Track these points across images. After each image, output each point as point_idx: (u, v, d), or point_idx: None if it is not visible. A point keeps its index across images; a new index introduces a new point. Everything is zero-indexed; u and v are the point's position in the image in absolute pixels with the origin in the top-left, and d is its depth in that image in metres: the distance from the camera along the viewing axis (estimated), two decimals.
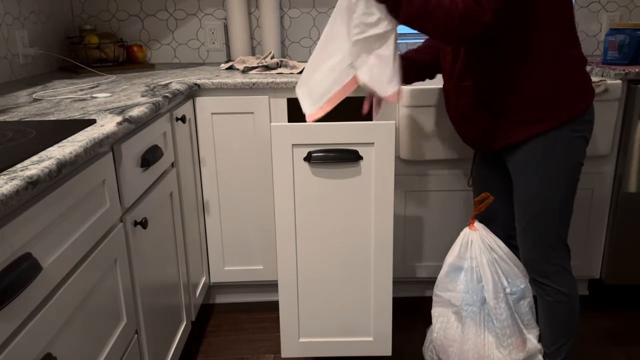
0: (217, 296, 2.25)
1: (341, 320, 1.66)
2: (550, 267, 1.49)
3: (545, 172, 1.42)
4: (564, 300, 1.50)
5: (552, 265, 1.49)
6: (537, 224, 1.47)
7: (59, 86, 1.81)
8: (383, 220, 1.55)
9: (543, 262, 1.49)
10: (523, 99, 1.39)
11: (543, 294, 1.53)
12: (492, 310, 1.55)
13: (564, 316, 1.52)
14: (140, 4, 2.46)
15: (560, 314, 1.52)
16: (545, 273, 1.50)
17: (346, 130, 1.48)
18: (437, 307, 1.65)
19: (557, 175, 1.42)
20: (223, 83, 1.91)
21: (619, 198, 2.02)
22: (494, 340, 1.55)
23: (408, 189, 2.03)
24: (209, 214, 2.05)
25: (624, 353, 1.89)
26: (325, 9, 2.48)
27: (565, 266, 1.50)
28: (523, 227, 1.50)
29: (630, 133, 1.96)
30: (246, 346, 1.96)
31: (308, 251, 1.59)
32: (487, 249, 1.57)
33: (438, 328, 1.63)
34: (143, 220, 1.33)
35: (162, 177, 1.58)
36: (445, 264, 1.63)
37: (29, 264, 0.85)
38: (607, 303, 2.18)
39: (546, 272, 1.50)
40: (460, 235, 1.62)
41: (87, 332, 1.08)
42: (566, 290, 1.50)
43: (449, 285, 1.61)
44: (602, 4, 2.50)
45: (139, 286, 1.35)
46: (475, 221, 1.61)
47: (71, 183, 1.01)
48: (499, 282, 1.55)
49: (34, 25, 2.12)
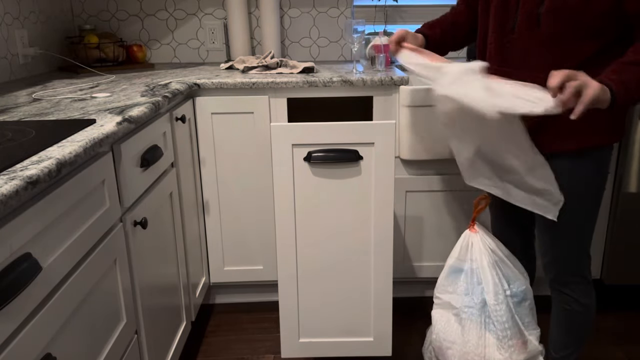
0: (217, 296, 2.25)
1: (341, 320, 1.66)
2: (572, 278, 1.48)
3: (583, 189, 1.39)
4: (581, 311, 1.49)
5: (574, 276, 1.48)
6: (562, 237, 1.44)
7: (59, 86, 1.81)
8: (383, 220, 1.55)
9: (567, 274, 1.48)
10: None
11: (561, 302, 1.52)
12: (493, 313, 1.55)
13: (580, 325, 1.52)
14: (140, 4, 2.46)
15: (576, 324, 1.51)
16: (566, 282, 1.49)
17: (346, 130, 1.48)
18: (437, 308, 1.65)
19: (592, 197, 1.40)
20: (223, 83, 1.91)
21: (619, 198, 2.02)
22: (494, 342, 1.55)
23: (408, 189, 2.03)
24: (209, 214, 2.05)
25: (624, 353, 1.89)
26: (325, 8, 2.48)
27: (587, 276, 1.49)
28: (547, 239, 1.47)
29: (630, 133, 1.95)
30: (246, 346, 1.96)
31: (308, 251, 1.59)
32: (488, 251, 1.57)
33: (438, 329, 1.62)
34: (143, 220, 1.33)
35: (161, 177, 1.58)
36: (445, 266, 1.63)
37: (28, 264, 0.85)
38: (607, 303, 2.18)
39: (568, 281, 1.49)
40: (461, 237, 1.62)
41: (86, 332, 1.07)
42: (585, 300, 1.49)
43: (449, 288, 1.61)
44: None
45: (139, 286, 1.35)
46: (475, 223, 1.61)
47: (71, 183, 1.01)
48: (500, 284, 1.54)
49: (33, 25, 2.12)
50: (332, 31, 2.51)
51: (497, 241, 1.59)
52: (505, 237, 1.65)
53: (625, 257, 2.08)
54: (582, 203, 1.41)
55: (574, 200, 1.39)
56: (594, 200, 1.42)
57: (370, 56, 2.16)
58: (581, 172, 1.38)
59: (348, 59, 2.55)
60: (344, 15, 2.48)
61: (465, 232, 1.62)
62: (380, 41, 2.10)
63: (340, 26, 2.50)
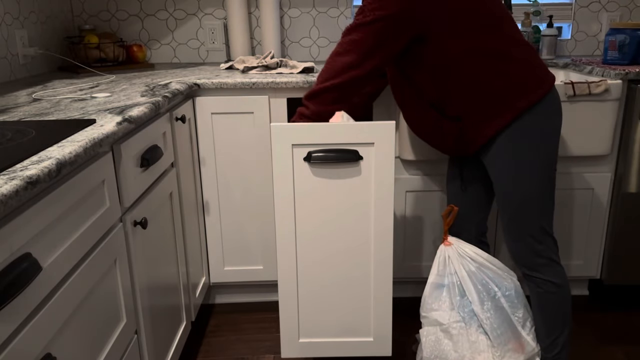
0: (217, 296, 2.25)
1: (341, 320, 1.65)
2: (538, 260, 1.51)
3: (517, 164, 1.45)
4: (554, 291, 1.52)
5: (539, 258, 1.51)
6: (518, 217, 1.49)
7: (59, 86, 1.81)
8: (383, 220, 1.55)
9: (530, 255, 1.51)
10: (475, 98, 1.43)
11: (534, 287, 1.55)
12: (483, 321, 1.54)
13: (556, 307, 1.54)
14: (140, 4, 2.46)
15: (551, 305, 1.53)
16: (533, 265, 1.52)
17: (346, 130, 1.48)
18: (425, 327, 1.63)
19: (530, 165, 1.44)
20: (223, 83, 1.91)
21: (619, 198, 2.02)
22: (490, 351, 1.54)
23: (408, 189, 2.03)
24: (209, 214, 2.05)
25: (624, 353, 1.89)
26: (325, 8, 2.48)
27: (553, 257, 1.52)
28: (506, 222, 1.52)
29: (630, 133, 1.95)
30: (246, 346, 1.96)
31: (308, 251, 1.59)
32: (467, 260, 1.57)
33: (429, 347, 1.60)
34: (143, 220, 1.33)
35: (161, 177, 1.58)
36: (427, 284, 1.63)
37: (28, 264, 0.85)
38: (607, 303, 2.18)
39: (534, 264, 1.52)
40: (437, 253, 1.63)
41: (86, 332, 1.07)
42: (556, 280, 1.52)
43: (433, 305, 1.60)
44: (602, 4, 2.50)
45: (139, 286, 1.35)
46: (448, 236, 1.61)
47: (71, 183, 1.01)
48: (485, 291, 1.54)
49: (33, 25, 2.12)
50: (332, 31, 2.51)
51: (473, 247, 1.59)
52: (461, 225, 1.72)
53: (625, 257, 2.08)
54: (525, 181, 1.45)
55: (518, 181, 1.46)
56: (540, 172, 1.45)
57: None
58: (508, 152, 1.45)
59: None
60: (344, 15, 2.49)
61: (440, 247, 1.62)
62: None
63: (340, 26, 2.50)
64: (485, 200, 1.70)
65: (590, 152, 1.95)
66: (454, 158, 1.73)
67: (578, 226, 2.07)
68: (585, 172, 2.02)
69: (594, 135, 1.93)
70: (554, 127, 1.45)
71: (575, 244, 2.09)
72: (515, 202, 1.48)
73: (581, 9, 2.51)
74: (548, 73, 1.46)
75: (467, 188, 1.69)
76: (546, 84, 1.43)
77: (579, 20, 2.52)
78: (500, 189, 1.50)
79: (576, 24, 2.53)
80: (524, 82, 1.41)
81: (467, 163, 1.67)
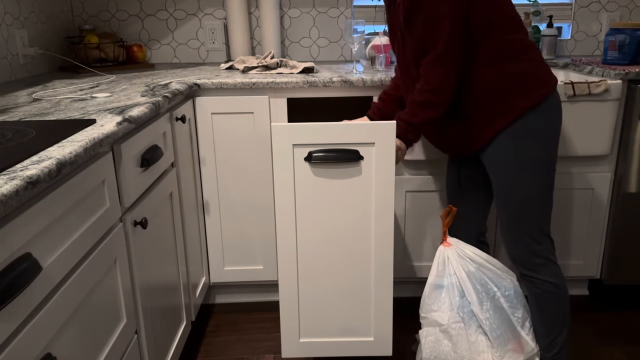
0: (217, 296, 2.25)
1: (341, 320, 1.65)
2: (536, 260, 1.52)
3: (519, 163, 1.46)
4: (552, 291, 1.53)
5: (537, 258, 1.51)
6: (518, 217, 1.50)
7: (59, 86, 1.81)
8: (383, 220, 1.55)
9: (529, 255, 1.52)
10: (481, 98, 1.44)
11: (532, 287, 1.55)
12: (483, 322, 1.54)
13: (554, 307, 1.54)
14: (140, 4, 2.46)
15: (549, 305, 1.54)
16: (531, 265, 1.52)
17: (347, 130, 1.48)
18: (424, 328, 1.63)
19: (531, 165, 1.45)
20: (223, 83, 1.91)
21: (619, 198, 2.02)
22: (490, 351, 1.54)
23: (408, 189, 2.03)
24: (209, 214, 2.05)
25: (624, 353, 1.89)
26: (325, 8, 2.48)
27: (551, 257, 1.53)
28: (505, 222, 1.53)
29: (630, 133, 1.95)
30: (246, 346, 1.96)
31: (308, 251, 1.59)
32: (466, 261, 1.57)
33: (428, 347, 1.60)
34: (143, 220, 1.33)
35: (162, 177, 1.58)
36: (426, 285, 1.63)
37: (29, 264, 0.85)
38: (607, 303, 2.18)
39: (533, 264, 1.52)
40: (436, 254, 1.63)
41: (87, 332, 1.07)
42: (554, 280, 1.52)
43: (433, 306, 1.60)
44: (602, 4, 2.50)
45: (139, 286, 1.35)
46: (447, 237, 1.61)
47: (71, 183, 1.01)
48: (484, 292, 1.54)
49: (33, 25, 2.12)
50: (332, 31, 2.51)
51: (473, 248, 1.59)
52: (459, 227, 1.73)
53: (625, 257, 2.08)
54: (526, 180, 1.46)
55: (519, 180, 1.46)
56: (541, 172, 1.46)
57: (370, 56, 2.16)
58: (510, 151, 1.46)
59: (348, 59, 2.55)
60: (344, 16, 2.49)
61: (439, 248, 1.62)
62: (380, 41, 2.10)
63: (340, 26, 2.50)
64: (484, 201, 1.71)
65: (590, 152, 1.95)
66: (453, 158, 1.73)
67: (578, 226, 2.07)
68: (585, 172, 2.02)
69: (594, 135, 1.93)
70: (555, 127, 1.46)
71: (575, 243, 2.09)
72: (515, 201, 1.48)
73: (581, 9, 2.51)
74: (551, 74, 1.47)
75: (467, 188, 1.69)
76: (549, 84, 1.45)
77: (579, 20, 2.52)
78: (501, 188, 1.50)
79: (576, 24, 2.53)
80: (530, 82, 1.43)
81: (466, 163, 1.67)
